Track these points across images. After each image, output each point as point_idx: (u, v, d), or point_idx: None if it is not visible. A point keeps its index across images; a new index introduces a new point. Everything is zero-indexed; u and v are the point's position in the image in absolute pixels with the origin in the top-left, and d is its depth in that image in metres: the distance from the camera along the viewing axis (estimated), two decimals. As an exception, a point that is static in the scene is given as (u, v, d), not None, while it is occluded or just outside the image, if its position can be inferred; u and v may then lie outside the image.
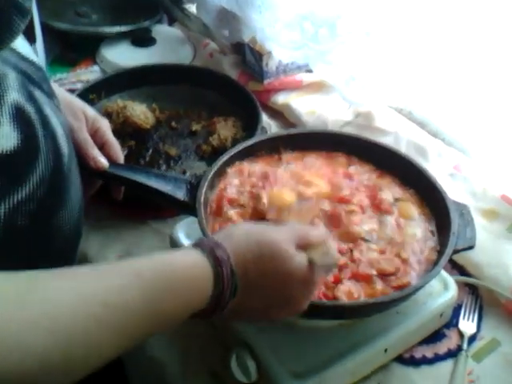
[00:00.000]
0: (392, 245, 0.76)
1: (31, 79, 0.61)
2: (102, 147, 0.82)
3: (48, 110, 0.61)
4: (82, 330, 0.46)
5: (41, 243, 0.45)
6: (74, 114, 0.79)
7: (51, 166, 0.60)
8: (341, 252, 0.74)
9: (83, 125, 0.79)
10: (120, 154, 0.85)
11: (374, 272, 0.72)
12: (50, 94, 0.64)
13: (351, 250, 0.74)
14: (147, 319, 0.50)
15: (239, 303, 0.58)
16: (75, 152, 0.70)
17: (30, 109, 0.58)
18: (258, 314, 0.62)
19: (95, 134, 0.82)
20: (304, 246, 0.61)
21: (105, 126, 0.84)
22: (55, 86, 0.79)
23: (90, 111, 0.82)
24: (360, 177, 0.85)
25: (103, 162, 0.81)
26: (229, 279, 0.56)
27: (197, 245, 0.58)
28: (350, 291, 0.70)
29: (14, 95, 0.56)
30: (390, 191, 0.83)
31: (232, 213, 0.78)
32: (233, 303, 0.57)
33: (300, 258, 0.60)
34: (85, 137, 0.79)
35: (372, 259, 0.74)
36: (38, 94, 0.61)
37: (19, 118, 0.56)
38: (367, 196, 0.82)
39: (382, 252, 0.75)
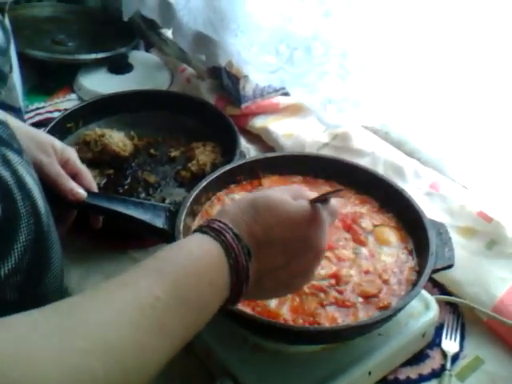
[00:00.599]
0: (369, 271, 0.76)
1: (1, 140, 0.59)
2: (74, 177, 0.82)
3: (22, 170, 0.59)
4: (131, 341, 0.45)
5: None
6: (43, 149, 0.78)
7: (33, 229, 0.58)
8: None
9: (53, 159, 0.79)
10: (93, 183, 0.86)
11: (360, 299, 0.72)
12: (20, 151, 0.62)
13: (336, 283, 0.74)
14: (183, 311, 0.50)
15: (260, 266, 0.57)
16: (48, 187, 0.69)
17: (5, 173, 0.56)
18: (286, 274, 0.60)
19: (65, 166, 0.82)
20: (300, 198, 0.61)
21: (74, 156, 0.84)
22: (19, 122, 0.79)
23: (58, 143, 0.82)
24: (341, 209, 0.85)
25: (81, 192, 0.81)
26: (236, 244, 0.55)
27: (194, 231, 0.58)
28: (333, 317, 0.70)
29: None
30: (370, 219, 0.84)
31: None
32: (253, 269, 0.56)
33: (298, 202, 0.60)
34: (58, 171, 0.79)
35: (354, 284, 0.74)
36: (10, 154, 0.59)
37: None
38: (344, 227, 0.82)
39: (366, 272, 0.76)
